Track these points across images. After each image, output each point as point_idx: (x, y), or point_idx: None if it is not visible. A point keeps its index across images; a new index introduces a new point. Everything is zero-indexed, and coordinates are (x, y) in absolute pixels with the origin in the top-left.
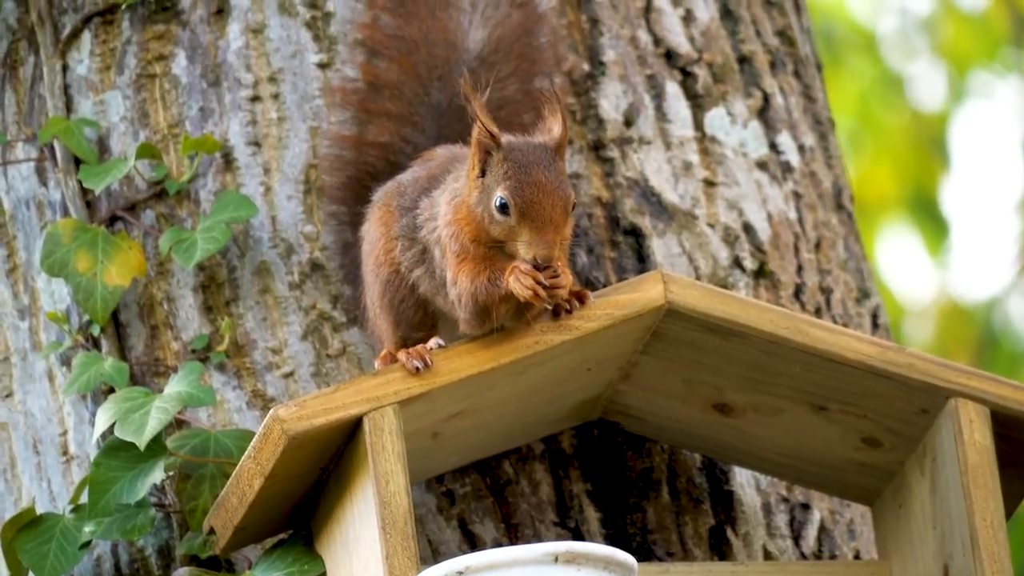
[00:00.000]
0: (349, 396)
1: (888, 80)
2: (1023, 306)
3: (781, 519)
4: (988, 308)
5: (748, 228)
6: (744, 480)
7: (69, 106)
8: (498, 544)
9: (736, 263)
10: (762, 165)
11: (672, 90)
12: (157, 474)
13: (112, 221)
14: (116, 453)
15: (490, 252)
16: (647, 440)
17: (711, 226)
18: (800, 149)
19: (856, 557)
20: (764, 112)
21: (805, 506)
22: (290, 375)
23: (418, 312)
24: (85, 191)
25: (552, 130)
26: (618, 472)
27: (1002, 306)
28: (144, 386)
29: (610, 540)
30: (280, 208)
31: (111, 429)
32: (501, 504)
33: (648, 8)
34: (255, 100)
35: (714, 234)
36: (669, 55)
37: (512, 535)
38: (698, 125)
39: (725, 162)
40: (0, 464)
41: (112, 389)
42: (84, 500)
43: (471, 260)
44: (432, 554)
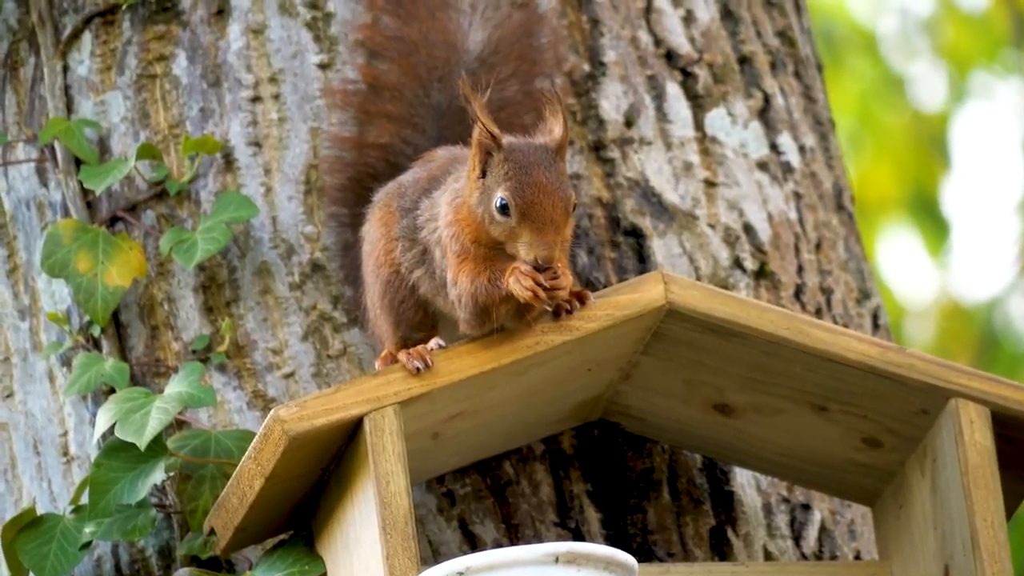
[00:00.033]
0: (350, 397)
1: (889, 80)
2: None
3: (782, 519)
4: (989, 308)
5: (749, 228)
6: (745, 480)
7: (70, 107)
8: (498, 545)
9: (737, 264)
10: (763, 165)
11: (672, 91)
12: (158, 475)
13: (113, 222)
14: (117, 454)
15: (490, 253)
16: (648, 440)
17: (712, 226)
18: (801, 149)
19: (857, 558)
20: (765, 112)
21: (806, 506)
22: (291, 376)
23: (418, 313)
24: (86, 192)
25: (553, 131)
26: (619, 472)
27: (1003, 306)
28: (145, 387)
29: (611, 541)
30: (281, 209)
31: (112, 430)
32: (502, 505)
33: (649, 9)
34: (256, 101)
35: (715, 234)
36: (670, 56)
37: (512, 536)
38: (699, 125)
39: (726, 162)
40: (1, 465)
41: (112, 390)
42: (85, 501)
43: (471, 261)
44: (432, 555)
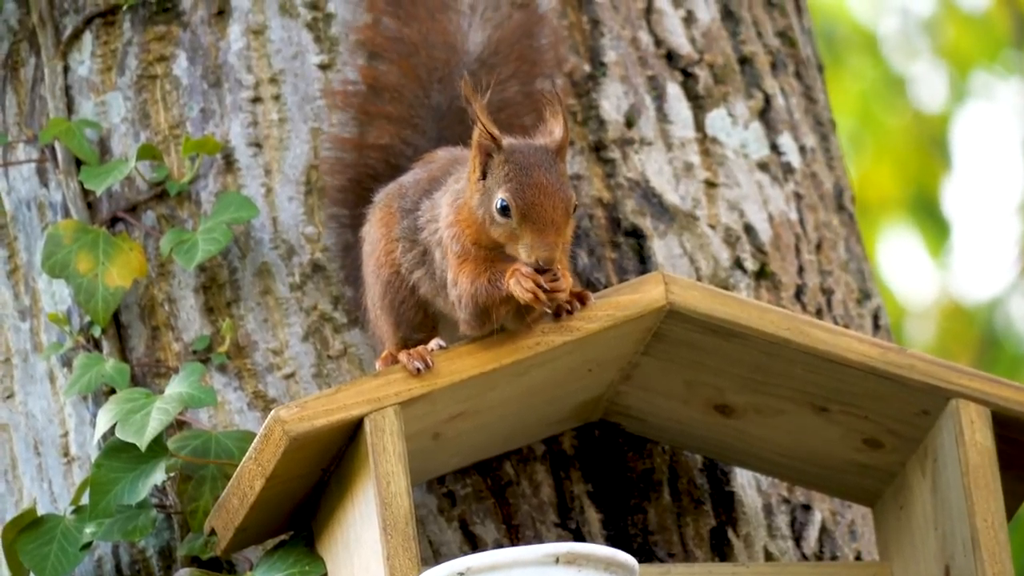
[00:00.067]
0: (350, 397)
1: (889, 81)
2: None
3: (782, 520)
4: (989, 309)
5: (749, 229)
6: (745, 481)
7: (70, 107)
8: (499, 545)
9: (737, 264)
10: (763, 166)
11: (673, 91)
12: (158, 475)
13: (113, 222)
14: (117, 454)
15: (491, 254)
16: (648, 441)
17: (712, 227)
18: (801, 150)
19: (857, 558)
20: (765, 113)
21: (806, 507)
22: (291, 376)
23: (419, 313)
24: (86, 192)
25: (553, 132)
26: (619, 473)
27: (1003, 307)
28: (145, 387)
29: (611, 541)
30: (281, 209)
31: (112, 430)
32: (502, 505)
33: (649, 9)
34: (256, 101)
35: (715, 235)
36: (670, 56)
37: (513, 536)
38: (699, 126)
39: (726, 163)
40: (1, 465)
41: (113, 390)
42: (85, 501)
43: (472, 262)
44: (433, 555)
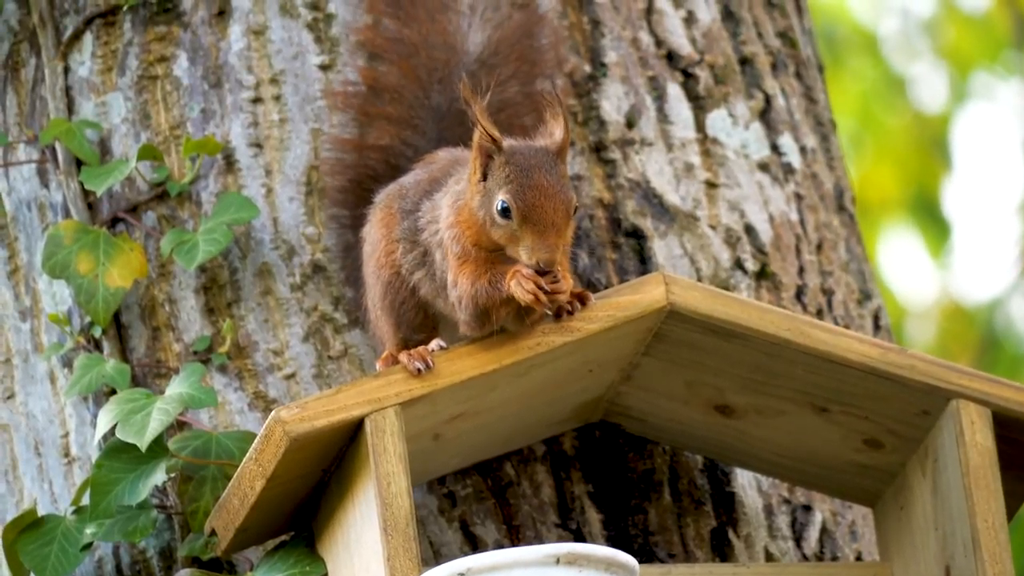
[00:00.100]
0: (351, 398)
1: (890, 81)
2: None
3: (783, 520)
4: (990, 309)
5: (750, 230)
6: (746, 482)
7: (71, 108)
8: (500, 546)
9: (738, 265)
10: (764, 167)
11: (674, 92)
12: (159, 476)
13: (114, 223)
14: (118, 455)
15: (491, 255)
16: (648, 442)
17: (712, 228)
18: (802, 150)
19: (858, 559)
20: (765, 114)
21: (807, 508)
22: (292, 377)
23: (419, 314)
24: (87, 193)
25: (554, 134)
26: (620, 474)
27: (1004, 307)
28: (146, 388)
29: (612, 542)
30: (282, 210)
31: (113, 431)
32: (503, 506)
33: (650, 10)
34: (256, 102)
35: (715, 236)
36: (671, 57)
37: (514, 537)
38: (699, 127)
39: (727, 164)
40: (2, 466)
41: (113, 391)
42: (86, 502)
43: (472, 263)
44: (433, 556)
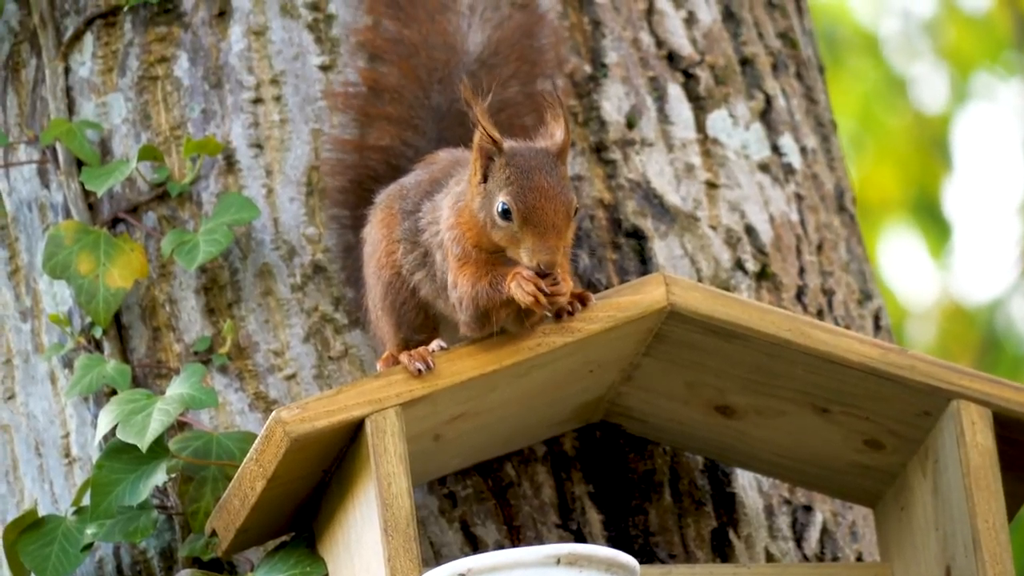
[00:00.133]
0: (351, 398)
1: (890, 82)
2: None
3: (783, 521)
4: (990, 310)
5: (750, 230)
6: (746, 482)
7: (71, 108)
8: (500, 546)
9: (738, 265)
10: (764, 167)
11: (674, 92)
12: (159, 476)
13: (114, 223)
14: (118, 455)
15: (492, 257)
16: (649, 442)
17: (713, 228)
18: (802, 151)
19: (858, 559)
20: (766, 114)
21: (807, 508)
22: (292, 377)
23: (419, 315)
24: (87, 193)
25: (554, 135)
26: (620, 474)
27: (1004, 308)
28: (146, 388)
29: (612, 542)
30: (282, 210)
31: (113, 431)
32: (503, 506)
33: (650, 10)
34: (257, 102)
35: (716, 236)
36: (671, 57)
37: (514, 537)
38: (700, 127)
39: (727, 164)
40: (2, 466)
41: (114, 391)
42: (86, 502)
43: (472, 264)
44: (434, 556)
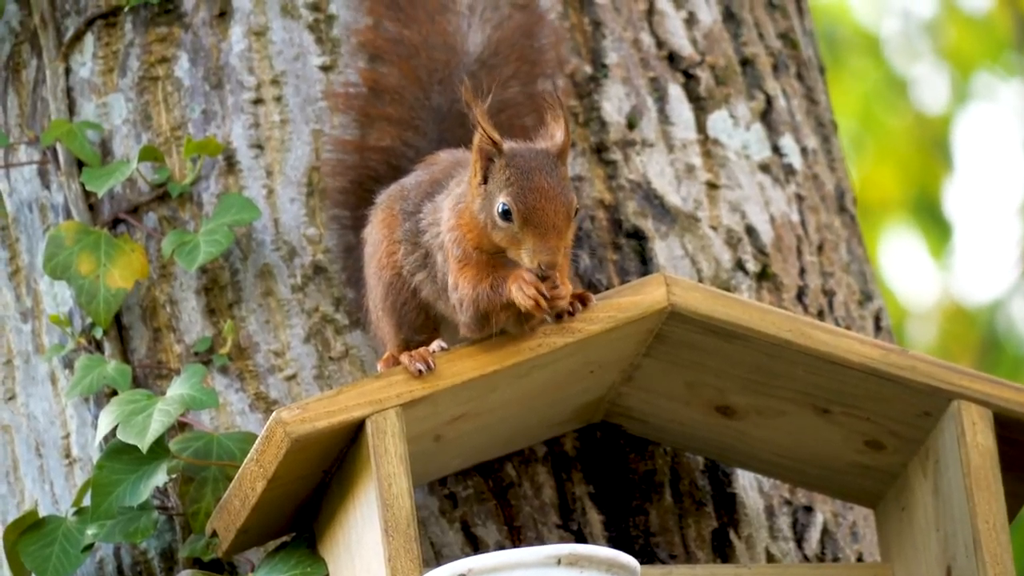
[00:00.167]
0: (352, 399)
1: (891, 82)
2: None
3: (784, 521)
4: (991, 310)
5: (751, 231)
6: (747, 482)
7: (72, 109)
8: (501, 547)
9: (739, 266)
10: (765, 168)
11: (675, 92)
12: (160, 477)
13: (115, 224)
14: (119, 456)
15: (492, 258)
16: (649, 442)
17: (714, 228)
18: (803, 151)
19: (859, 560)
20: (767, 115)
21: (808, 508)
22: (293, 378)
23: (420, 315)
24: (88, 194)
25: (555, 136)
26: (621, 474)
27: (1005, 308)
28: (147, 389)
29: (613, 543)
30: (283, 211)
31: (114, 432)
32: (504, 507)
33: (651, 11)
34: (258, 103)
35: (717, 237)
36: (672, 58)
37: (515, 538)
38: (701, 128)
39: (728, 164)
40: (3, 467)
41: (115, 392)
42: (87, 503)
43: (473, 266)
44: (435, 556)
